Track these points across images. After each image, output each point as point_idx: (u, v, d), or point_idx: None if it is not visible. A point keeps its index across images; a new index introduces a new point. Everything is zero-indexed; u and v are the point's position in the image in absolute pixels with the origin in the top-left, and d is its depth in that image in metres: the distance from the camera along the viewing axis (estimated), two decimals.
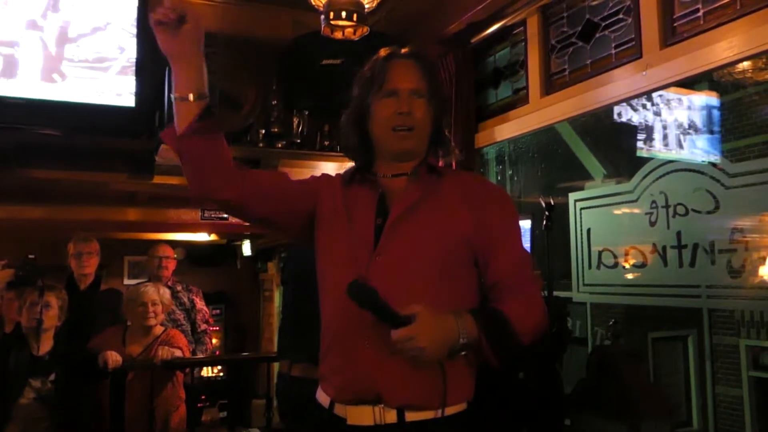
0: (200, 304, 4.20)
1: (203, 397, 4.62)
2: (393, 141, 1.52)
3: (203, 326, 4.14)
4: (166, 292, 3.53)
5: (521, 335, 1.41)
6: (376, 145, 1.57)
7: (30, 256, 2.94)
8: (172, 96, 1.46)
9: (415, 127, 1.51)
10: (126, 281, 6.02)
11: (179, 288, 4.13)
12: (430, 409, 1.40)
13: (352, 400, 1.44)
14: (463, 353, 1.37)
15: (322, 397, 1.53)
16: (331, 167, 3.82)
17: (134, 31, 3.28)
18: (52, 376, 2.93)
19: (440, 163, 1.65)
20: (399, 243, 1.46)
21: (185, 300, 4.10)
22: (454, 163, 1.71)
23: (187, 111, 1.44)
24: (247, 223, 1.77)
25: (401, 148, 1.53)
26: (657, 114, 3.24)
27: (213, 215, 4.44)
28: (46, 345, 2.99)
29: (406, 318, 1.30)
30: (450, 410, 1.42)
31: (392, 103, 1.51)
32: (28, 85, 3.10)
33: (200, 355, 3.99)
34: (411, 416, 1.40)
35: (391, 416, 1.40)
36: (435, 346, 1.31)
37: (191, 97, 1.44)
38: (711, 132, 3.22)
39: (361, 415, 1.42)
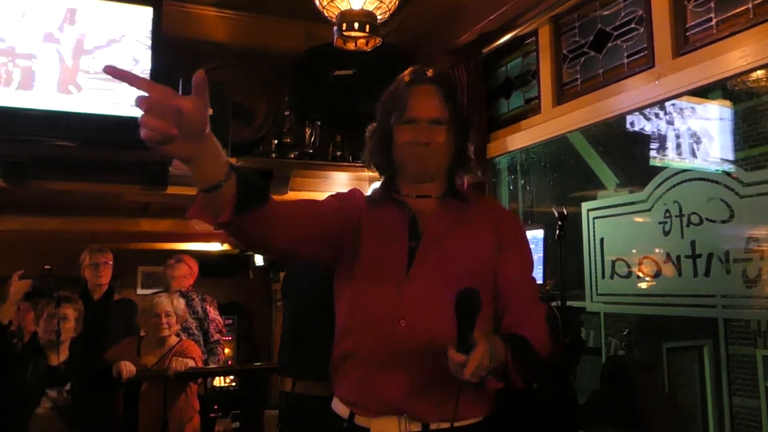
0: (213, 313, 4.21)
1: (216, 407, 4.61)
2: (412, 162, 1.55)
3: (216, 336, 4.15)
4: (180, 303, 3.54)
5: (540, 355, 1.43)
6: (399, 165, 1.59)
7: (46, 267, 2.96)
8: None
9: (434, 151, 1.52)
10: (139, 291, 6.06)
11: (194, 297, 4.15)
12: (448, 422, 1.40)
13: (377, 412, 1.44)
14: (488, 376, 1.33)
15: (341, 408, 1.53)
16: (343, 177, 3.83)
17: (149, 42, 3.32)
18: (68, 386, 2.95)
19: (465, 184, 1.66)
20: (432, 265, 1.48)
21: (198, 309, 4.12)
22: (466, 182, 1.71)
23: (222, 198, 1.22)
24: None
25: (421, 168, 1.55)
26: (670, 123, 3.23)
27: None
28: (62, 356, 3.01)
29: (473, 344, 1.25)
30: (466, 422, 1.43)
31: (412, 131, 1.52)
32: (44, 96, 3.14)
33: (213, 366, 4.00)
34: (435, 426, 1.41)
35: (416, 425, 1.41)
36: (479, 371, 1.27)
37: (222, 180, 1.20)
38: (725, 141, 3.20)
39: (387, 426, 1.43)
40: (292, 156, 3.69)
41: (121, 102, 3.23)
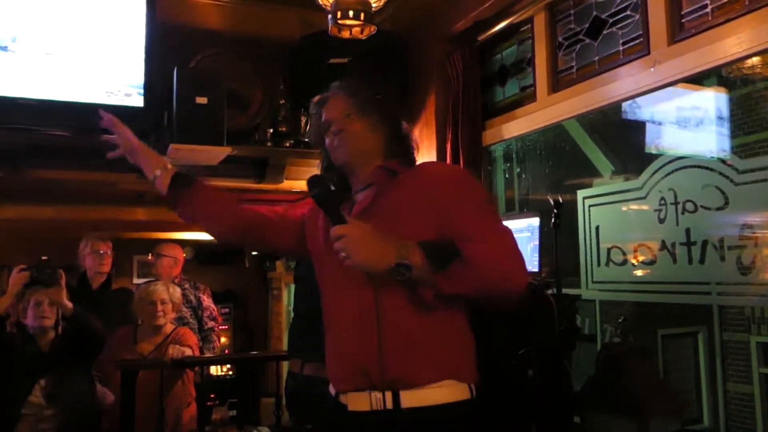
0: (207, 301, 4.21)
1: (213, 395, 4.63)
2: (336, 154, 1.70)
3: (210, 324, 4.16)
4: (176, 291, 3.55)
5: (480, 270, 1.42)
6: (337, 167, 1.74)
7: (43, 258, 2.95)
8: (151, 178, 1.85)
9: (349, 137, 1.66)
10: (135, 280, 6.06)
11: (186, 286, 4.15)
12: (417, 385, 1.49)
13: (349, 386, 1.56)
14: (405, 276, 1.40)
15: (331, 388, 1.65)
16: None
17: (143, 30, 3.30)
18: (60, 375, 2.95)
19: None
20: None
21: (192, 298, 4.12)
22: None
23: (162, 184, 1.82)
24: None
25: (342, 154, 1.68)
26: (665, 110, 3.22)
27: None
28: (53, 343, 3.01)
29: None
30: (450, 397, 1.50)
31: (330, 131, 1.70)
32: (38, 85, 3.12)
33: (208, 354, 4.01)
34: (407, 401, 1.48)
35: (388, 401, 1.49)
36: (364, 250, 1.40)
37: (158, 173, 1.83)
38: (720, 128, 3.20)
39: (358, 401, 1.54)
40: (288, 144, 3.68)
41: (115, 91, 3.21)
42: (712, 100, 3.15)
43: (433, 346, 1.52)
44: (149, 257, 4.23)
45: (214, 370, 5.16)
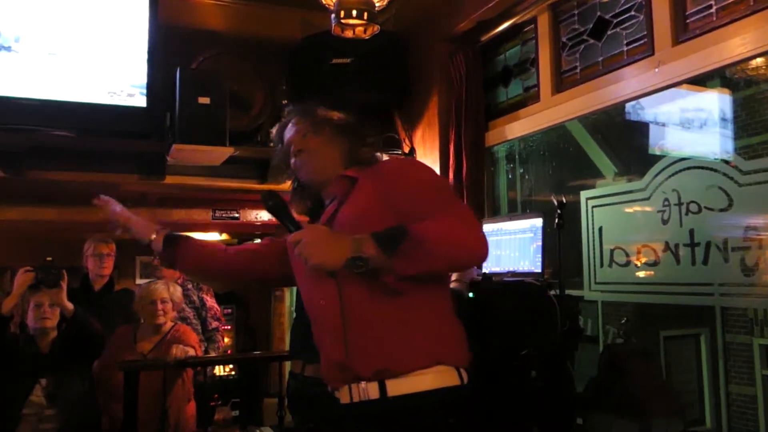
0: (210, 301, 4.21)
1: (216, 395, 4.63)
2: (300, 174, 1.82)
3: (214, 324, 4.16)
4: (177, 290, 3.53)
5: (432, 244, 1.46)
6: (308, 189, 1.86)
7: (48, 259, 2.96)
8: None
9: (309, 155, 1.78)
10: (138, 281, 6.05)
11: (189, 286, 4.14)
12: (401, 373, 1.53)
13: (338, 383, 1.63)
14: (362, 268, 1.45)
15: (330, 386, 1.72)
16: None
17: (145, 31, 3.30)
18: (61, 375, 2.96)
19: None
20: None
21: (195, 298, 4.12)
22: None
23: (157, 247, 2.01)
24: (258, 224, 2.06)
25: (305, 174, 1.81)
26: (669, 111, 3.21)
27: (224, 215, 4.45)
28: (54, 344, 3.02)
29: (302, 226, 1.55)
30: (437, 383, 1.54)
31: (293, 153, 1.82)
32: (41, 86, 3.12)
33: (212, 354, 4.01)
34: (393, 390, 1.53)
35: (374, 391, 1.54)
36: (320, 251, 1.45)
37: (153, 236, 2.02)
38: (723, 129, 3.19)
39: (345, 393, 1.60)
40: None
41: (118, 91, 3.21)
42: (715, 102, 3.14)
43: (406, 333, 1.56)
44: (154, 261, 4.21)
45: (218, 370, 5.16)
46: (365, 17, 2.50)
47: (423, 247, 1.45)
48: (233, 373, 5.38)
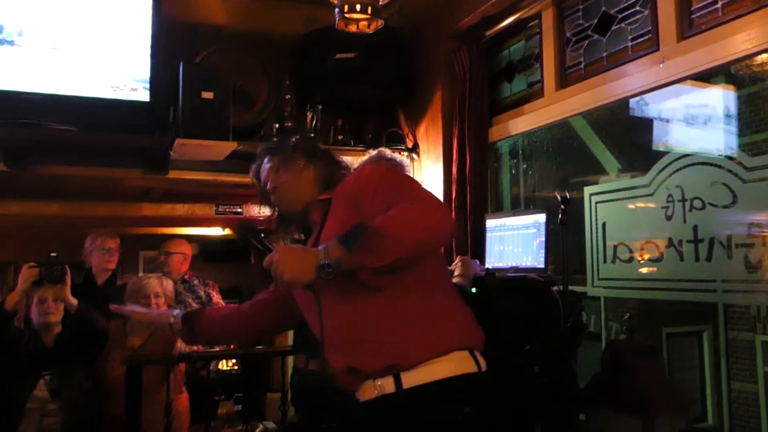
0: (216, 297, 4.23)
1: (219, 390, 4.64)
2: (281, 209, 1.95)
3: None
4: (169, 284, 3.51)
5: (394, 230, 1.49)
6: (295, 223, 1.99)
7: (52, 254, 2.95)
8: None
9: (283, 190, 1.90)
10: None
11: (196, 282, 4.15)
12: (413, 363, 1.55)
13: (354, 385, 1.64)
14: (329, 271, 1.49)
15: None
16: (345, 161, 3.81)
17: (149, 26, 3.30)
18: (65, 370, 2.97)
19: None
20: None
21: (201, 294, 4.13)
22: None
23: (178, 328, 2.09)
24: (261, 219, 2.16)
25: (285, 208, 1.93)
26: (673, 108, 3.20)
27: (227, 210, 4.46)
28: (58, 339, 3.02)
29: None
30: (453, 371, 1.56)
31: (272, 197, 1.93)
32: (44, 80, 3.12)
33: (217, 349, 4.01)
34: (408, 382, 1.53)
35: (390, 386, 1.56)
36: (291, 266, 1.50)
37: (171, 320, 2.10)
38: (728, 126, 3.18)
39: (363, 392, 1.62)
40: (294, 140, 3.67)
41: (121, 86, 3.21)
42: (720, 98, 3.12)
43: (407, 326, 1.59)
44: (160, 258, 4.22)
45: (221, 365, 5.17)
46: (369, 12, 2.49)
47: (383, 237, 1.47)
48: (236, 368, 5.40)
